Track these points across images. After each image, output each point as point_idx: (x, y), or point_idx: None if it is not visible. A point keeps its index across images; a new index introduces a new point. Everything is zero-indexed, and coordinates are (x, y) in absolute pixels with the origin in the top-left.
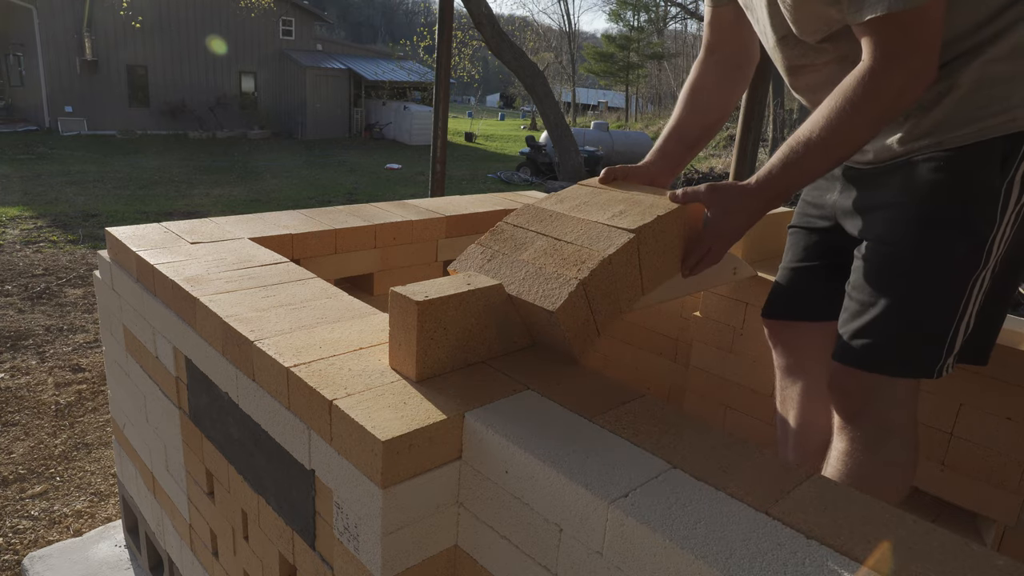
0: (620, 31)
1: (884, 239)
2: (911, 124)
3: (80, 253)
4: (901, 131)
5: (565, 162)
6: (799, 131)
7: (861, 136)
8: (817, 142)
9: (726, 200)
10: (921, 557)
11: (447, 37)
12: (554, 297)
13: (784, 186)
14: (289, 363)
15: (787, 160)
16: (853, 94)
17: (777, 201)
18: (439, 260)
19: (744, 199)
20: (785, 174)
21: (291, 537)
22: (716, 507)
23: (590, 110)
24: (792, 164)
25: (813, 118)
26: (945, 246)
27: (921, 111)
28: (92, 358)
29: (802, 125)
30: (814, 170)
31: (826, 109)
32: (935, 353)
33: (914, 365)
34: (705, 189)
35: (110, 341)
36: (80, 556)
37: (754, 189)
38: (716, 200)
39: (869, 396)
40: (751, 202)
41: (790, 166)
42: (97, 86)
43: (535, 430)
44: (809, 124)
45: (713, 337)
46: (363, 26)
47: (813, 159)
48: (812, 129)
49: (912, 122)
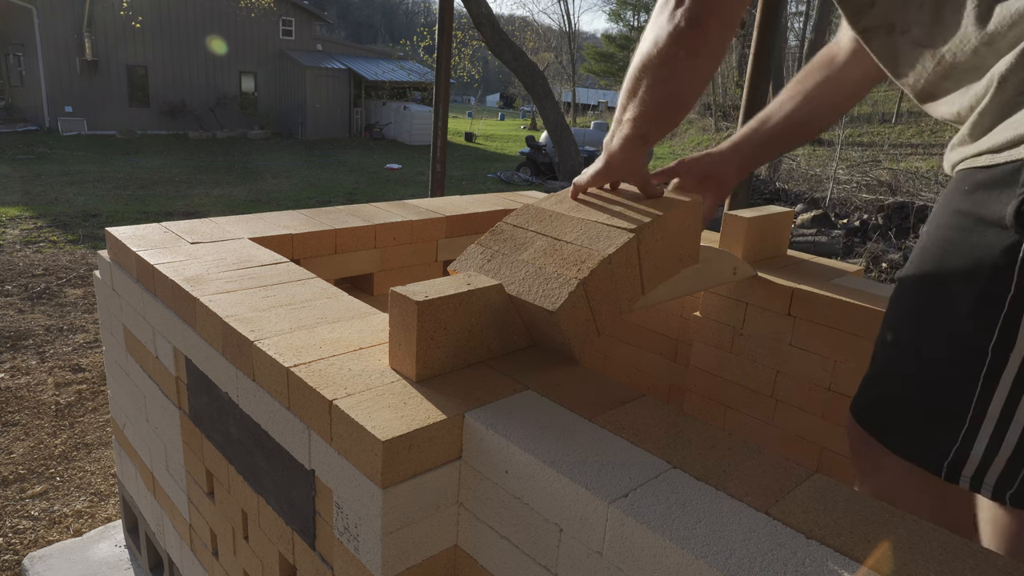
0: (620, 31)
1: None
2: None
3: (80, 253)
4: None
5: (565, 162)
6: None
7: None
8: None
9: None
10: (921, 557)
11: (447, 37)
12: (554, 297)
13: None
14: (289, 363)
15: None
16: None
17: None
18: (439, 260)
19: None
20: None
21: (291, 537)
22: (716, 507)
23: (590, 110)
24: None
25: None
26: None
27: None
28: (92, 358)
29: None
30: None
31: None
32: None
33: (910, 444)
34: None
35: (110, 341)
36: (80, 556)
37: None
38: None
39: (867, 460)
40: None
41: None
42: (97, 86)
43: (535, 430)
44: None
45: (713, 337)
46: (363, 26)
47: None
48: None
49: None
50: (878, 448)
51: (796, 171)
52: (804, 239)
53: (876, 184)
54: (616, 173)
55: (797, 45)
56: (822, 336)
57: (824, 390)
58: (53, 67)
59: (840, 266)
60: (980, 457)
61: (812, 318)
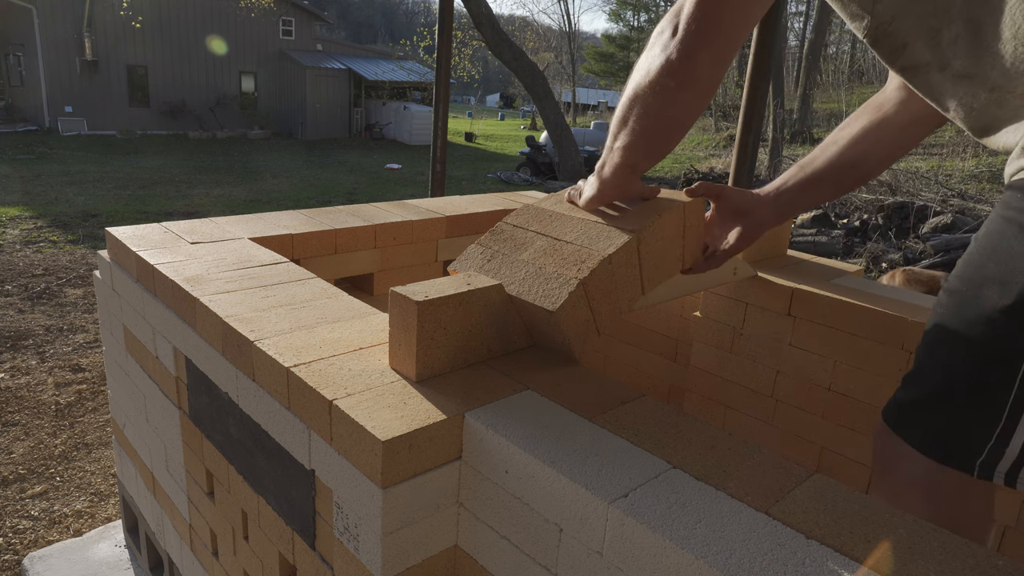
0: (620, 31)
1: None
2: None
3: (80, 253)
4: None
5: (565, 162)
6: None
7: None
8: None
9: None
10: (921, 557)
11: (447, 37)
12: (554, 297)
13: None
14: (289, 363)
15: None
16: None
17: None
18: (439, 260)
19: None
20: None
21: (291, 537)
22: (716, 507)
23: (590, 110)
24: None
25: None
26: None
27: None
28: (92, 358)
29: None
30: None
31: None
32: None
33: (940, 444)
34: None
35: (110, 341)
36: (80, 556)
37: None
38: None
39: (890, 460)
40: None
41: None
42: (97, 86)
43: (535, 430)
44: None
45: (713, 337)
46: (363, 26)
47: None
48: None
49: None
50: (903, 448)
51: None
52: (804, 239)
53: (876, 184)
54: (607, 200)
55: (797, 45)
56: (822, 336)
57: (824, 390)
58: (53, 67)
59: (840, 266)
60: (1016, 454)
61: (812, 318)
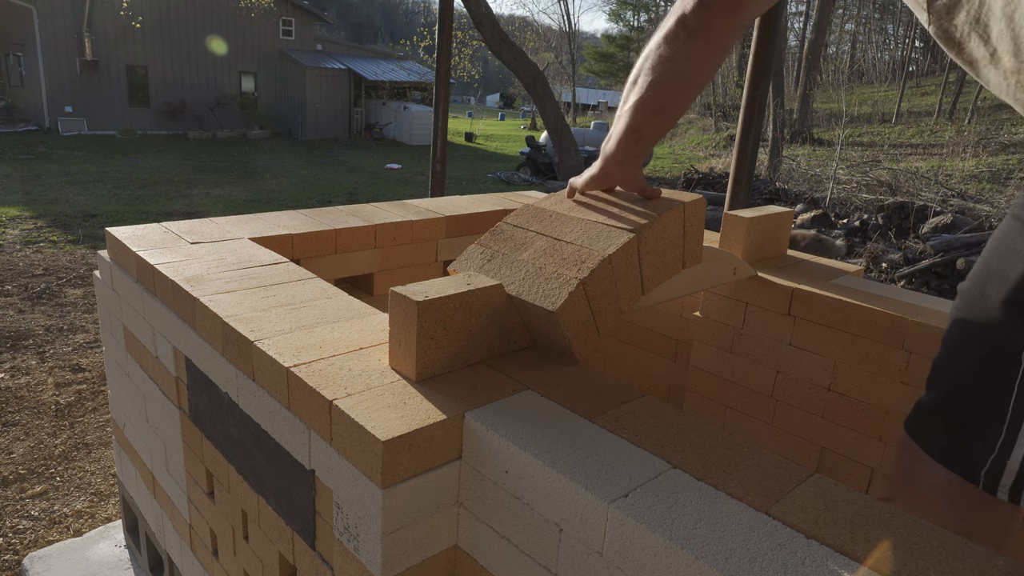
0: (620, 31)
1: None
2: None
3: (80, 253)
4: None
5: (565, 162)
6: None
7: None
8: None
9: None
10: (921, 557)
11: (447, 37)
12: (554, 297)
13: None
14: (289, 363)
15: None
16: None
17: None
18: (439, 260)
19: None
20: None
21: (291, 537)
22: (716, 507)
23: (590, 110)
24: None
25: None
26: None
27: None
28: (92, 358)
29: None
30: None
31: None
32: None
33: (948, 452)
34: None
35: (110, 341)
36: (80, 556)
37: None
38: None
39: (910, 468)
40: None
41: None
42: (97, 86)
43: (535, 430)
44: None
45: (713, 337)
46: (363, 26)
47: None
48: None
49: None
50: (921, 456)
51: (796, 171)
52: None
53: (876, 184)
54: (610, 180)
55: (797, 45)
56: (822, 336)
57: (824, 390)
58: (53, 67)
59: (840, 266)
60: (1018, 467)
61: (812, 318)
